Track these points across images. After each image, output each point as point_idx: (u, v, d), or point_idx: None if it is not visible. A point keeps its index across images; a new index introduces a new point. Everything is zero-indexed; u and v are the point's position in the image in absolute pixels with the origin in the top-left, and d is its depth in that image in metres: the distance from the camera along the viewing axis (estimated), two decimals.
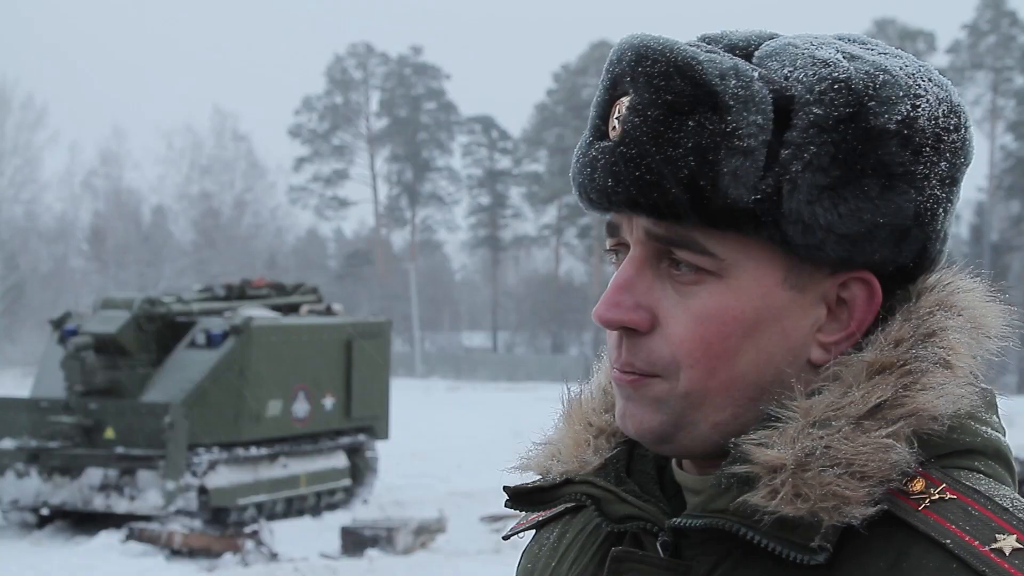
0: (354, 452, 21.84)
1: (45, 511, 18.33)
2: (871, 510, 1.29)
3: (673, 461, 1.49)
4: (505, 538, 1.71)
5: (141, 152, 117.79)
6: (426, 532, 17.56)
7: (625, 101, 1.36)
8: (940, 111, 1.37)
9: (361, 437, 22.00)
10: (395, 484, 23.00)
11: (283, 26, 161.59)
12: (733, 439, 1.36)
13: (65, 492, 18.03)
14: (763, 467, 1.32)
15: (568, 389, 1.62)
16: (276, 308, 21.67)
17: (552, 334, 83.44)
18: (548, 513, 1.63)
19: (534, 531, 1.68)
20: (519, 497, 1.55)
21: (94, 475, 17.96)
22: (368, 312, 60.00)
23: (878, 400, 1.33)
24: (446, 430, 34.25)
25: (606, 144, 1.38)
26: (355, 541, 17.09)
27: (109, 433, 18.12)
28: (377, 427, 22.46)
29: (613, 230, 1.44)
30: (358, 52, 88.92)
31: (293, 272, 69.43)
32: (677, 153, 1.32)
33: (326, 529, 18.71)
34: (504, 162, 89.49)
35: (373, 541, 16.99)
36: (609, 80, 1.40)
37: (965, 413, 1.36)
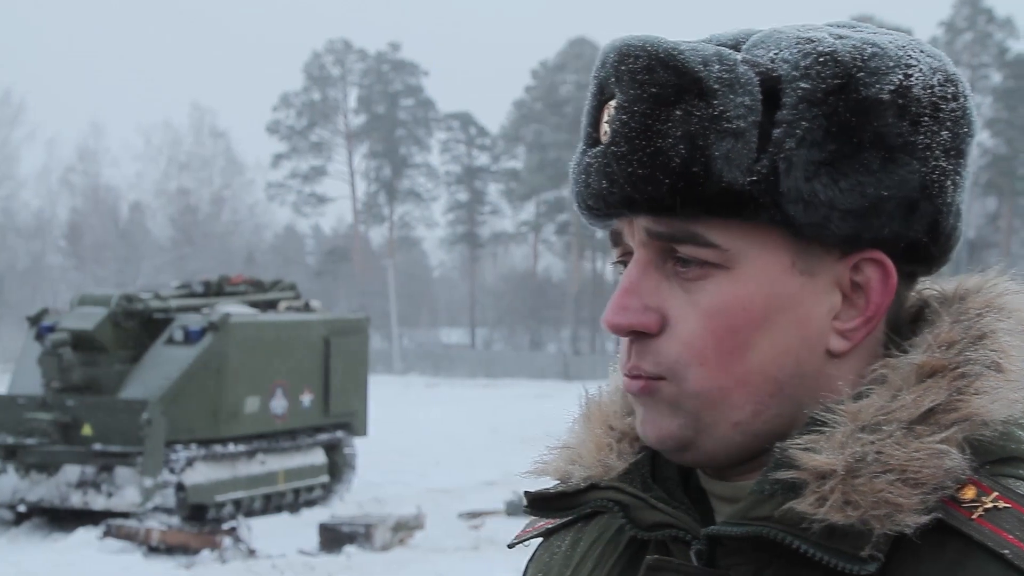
0: (332, 449, 21.83)
1: (22, 508, 18.26)
2: (925, 518, 1.25)
3: None
4: (511, 546, 1.65)
5: (119, 148, 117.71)
6: (404, 529, 17.55)
7: (613, 103, 1.34)
8: (935, 80, 1.33)
9: (339, 434, 21.98)
10: (373, 481, 23.01)
11: (261, 22, 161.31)
12: (778, 444, 1.31)
13: (42, 489, 17.98)
14: (810, 473, 1.27)
15: (586, 391, 1.56)
16: (254, 305, 21.63)
17: (530, 331, 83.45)
18: (557, 521, 1.56)
19: (541, 539, 1.61)
20: (540, 503, 1.50)
21: (71, 472, 17.92)
22: (346, 309, 59.98)
23: (931, 404, 1.29)
24: (424, 427, 34.26)
25: (598, 149, 1.35)
26: (333, 538, 17.08)
27: (86, 430, 18.07)
28: (355, 424, 22.44)
29: (616, 238, 1.41)
30: (336, 48, 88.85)
31: (271, 269, 69.40)
32: (667, 143, 1.29)
33: (304, 526, 18.70)
34: (482, 159, 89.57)
35: (351, 538, 16.98)
36: (596, 86, 1.38)
37: (1014, 419, 1.32)
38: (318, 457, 21.38)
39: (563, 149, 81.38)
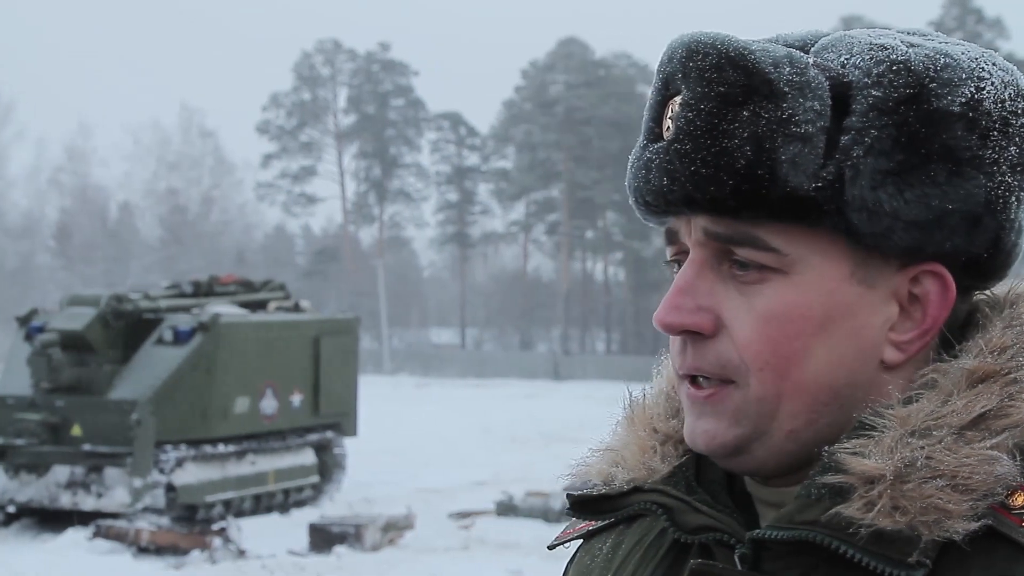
0: (322, 449, 21.82)
1: (12, 509, 18.25)
2: (974, 525, 1.23)
3: None
4: (551, 547, 1.61)
5: (108, 148, 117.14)
6: (394, 529, 17.55)
7: (678, 99, 1.32)
8: (1006, 94, 1.32)
9: (329, 434, 21.98)
10: (363, 481, 23.00)
11: (250, 22, 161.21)
12: (826, 448, 1.30)
13: (32, 489, 17.96)
14: (858, 478, 1.26)
15: (629, 392, 1.53)
16: (244, 305, 21.62)
17: (520, 331, 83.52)
18: (598, 523, 1.54)
19: (581, 541, 1.58)
20: (582, 505, 1.48)
21: (61, 472, 17.90)
22: (336, 309, 59.92)
23: (982, 409, 1.27)
24: (414, 427, 34.24)
25: (660, 145, 1.33)
26: (323, 538, 17.07)
27: (76, 430, 18.06)
28: (345, 424, 22.43)
29: (672, 237, 1.38)
30: (326, 48, 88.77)
31: (261, 269, 69.36)
32: (732, 144, 1.28)
33: (294, 526, 18.69)
34: (472, 159, 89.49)
35: (341, 538, 16.97)
36: (661, 81, 1.36)
37: None
38: (308, 457, 21.38)
39: (553, 149, 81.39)
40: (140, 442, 17.66)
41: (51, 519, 18.27)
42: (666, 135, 1.33)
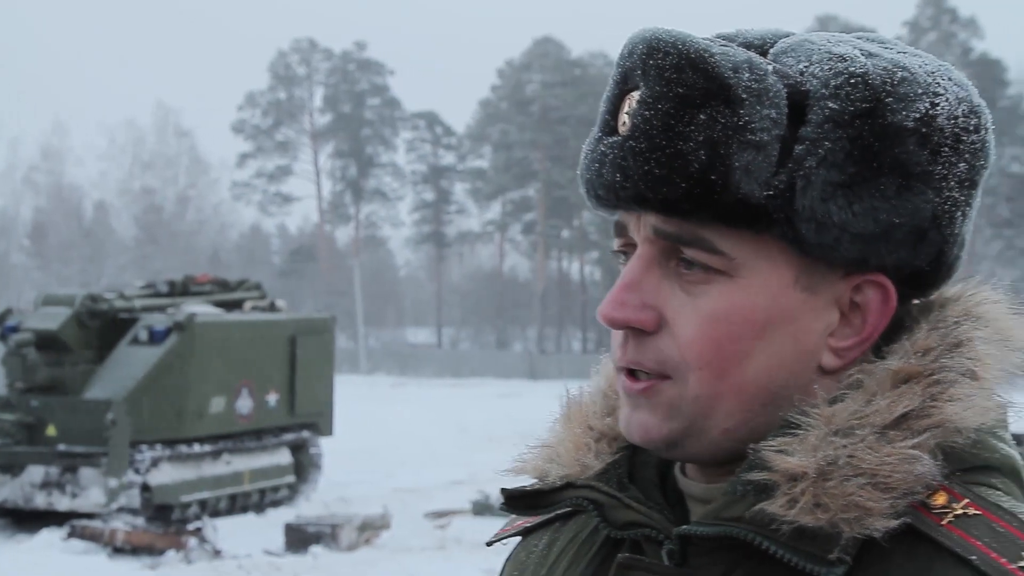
0: (298, 449, 21.78)
1: None
2: (894, 523, 1.25)
3: (677, 468, 1.44)
4: (489, 544, 1.63)
5: (83, 147, 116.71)
6: (370, 528, 17.54)
7: (635, 95, 1.32)
8: (960, 111, 1.33)
9: (305, 434, 21.94)
10: (339, 481, 22.98)
11: (226, 21, 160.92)
12: (752, 445, 1.31)
13: (6, 490, 17.89)
14: (782, 475, 1.28)
15: (567, 390, 1.57)
16: (219, 304, 21.57)
17: (497, 330, 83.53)
18: (536, 519, 1.57)
19: (520, 537, 1.61)
20: (516, 500, 1.49)
21: (36, 472, 17.83)
22: (312, 308, 59.85)
23: (904, 409, 1.29)
24: (390, 426, 34.22)
25: (615, 139, 1.34)
26: (299, 538, 17.05)
27: (51, 430, 17.99)
28: (321, 424, 22.40)
29: (621, 230, 1.39)
30: (301, 47, 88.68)
31: (236, 268, 69.24)
32: (687, 147, 1.28)
33: (270, 526, 18.66)
34: (448, 158, 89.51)
35: (317, 538, 16.96)
36: (620, 74, 1.36)
37: (986, 428, 1.33)
38: (284, 457, 21.34)
39: (529, 148, 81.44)
40: (115, 442, 17.60)
41: (26, 519, 18.20)
42: (622, 130, 1.33)
